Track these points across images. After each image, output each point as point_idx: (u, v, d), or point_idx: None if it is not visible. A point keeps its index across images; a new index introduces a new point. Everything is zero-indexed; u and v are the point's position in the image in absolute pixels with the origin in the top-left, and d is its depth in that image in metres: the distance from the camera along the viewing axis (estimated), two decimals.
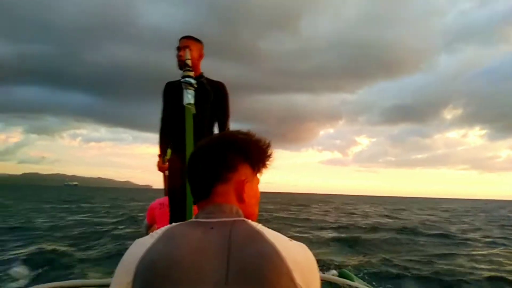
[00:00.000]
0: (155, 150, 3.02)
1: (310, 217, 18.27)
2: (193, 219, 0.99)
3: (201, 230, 0.93)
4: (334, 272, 4.62)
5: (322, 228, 13.21)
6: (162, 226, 2.90)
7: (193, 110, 2.63)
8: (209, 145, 1.05)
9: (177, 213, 2.90)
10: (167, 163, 3.02)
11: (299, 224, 13.74)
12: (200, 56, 2.92)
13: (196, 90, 2.68)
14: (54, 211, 18.79)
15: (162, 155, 3.03)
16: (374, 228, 13.67)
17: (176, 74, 2.87)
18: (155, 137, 3.05)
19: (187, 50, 2.74)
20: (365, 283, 4.08)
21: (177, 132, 2.86)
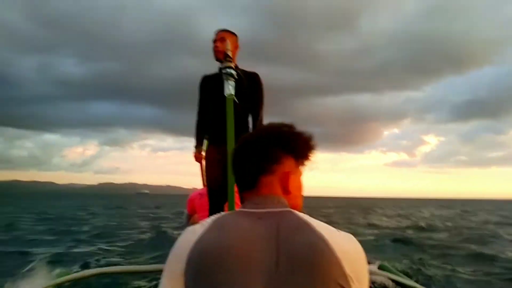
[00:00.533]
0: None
1: (363, 221, 18.00)
2: (241, 209, 1.02)
3: (250, 220, 0.95)
4: (374, 266, 5.07)
5: (372, 231, 13.14)
6: (202, 215, 3.65)
7: (234, 100, 2.66)
8: (254, 139, 1.08)
9: (216, 203, 2.94)
10: (203, 154, 3.08)
11: (351, 228, 13.77)
12: (236, 47, 2.96)
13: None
14: (146, 216, 20.80)
15: (197, 145, 3.10)
16: (424, 231, 13.35)
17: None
18: None
19: (227, 41, 2.81)
20: (403, 275, 3.91)
21: (215, 124, 2.93)
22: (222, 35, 2.92)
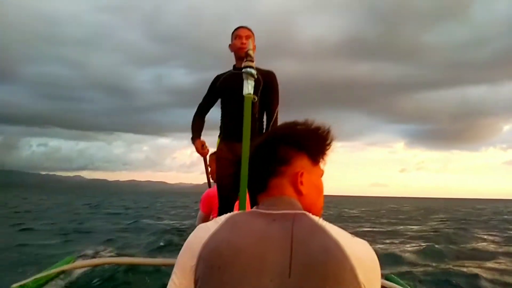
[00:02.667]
0: None
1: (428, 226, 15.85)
2: (255, 209, 1.00)
3: (264, 221, 0.94)
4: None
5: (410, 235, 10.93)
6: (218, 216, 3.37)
7: (253, 99, 2.67)
8: (263, 141, 1.06)
9: (226, 202, 2.90)
10: (207, 149, 3.07)
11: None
12: (254, 47, 2.93)
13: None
14: None
15: (194, 138, 3.06)
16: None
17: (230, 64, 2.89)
18: None
19: (250, 40, 2.81)
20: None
21: (228, 122, 2.93)
22: (248, 33, 2.89)
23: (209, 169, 3.76)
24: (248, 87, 2.70)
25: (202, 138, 3.14)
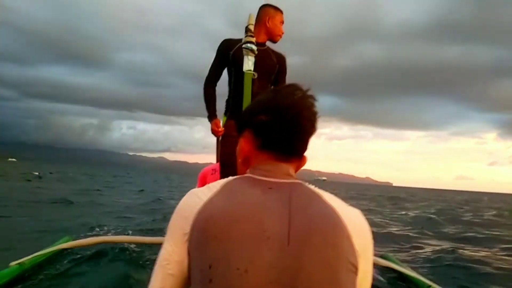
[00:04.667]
0: (395, 146, 2.81)
1: None
2: (250, 175, 0.97)
3: (260, 188, 0.92)
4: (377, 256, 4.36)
5: None
6: None
7: (253, 76, 2.60)
8: (309, 110, 0.99)
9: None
10: (221, 129, 2.77)
11: None
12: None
13: (263, 58, 2.67)
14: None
15: (211, 116, 2.80)
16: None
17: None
18: (396, 133, 2.57)
19: (252, 15, 2.79)
20: (409, 268, 3.90)
21: (238, 97, 2.71)
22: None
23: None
24: (249, 63, 2.62)
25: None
